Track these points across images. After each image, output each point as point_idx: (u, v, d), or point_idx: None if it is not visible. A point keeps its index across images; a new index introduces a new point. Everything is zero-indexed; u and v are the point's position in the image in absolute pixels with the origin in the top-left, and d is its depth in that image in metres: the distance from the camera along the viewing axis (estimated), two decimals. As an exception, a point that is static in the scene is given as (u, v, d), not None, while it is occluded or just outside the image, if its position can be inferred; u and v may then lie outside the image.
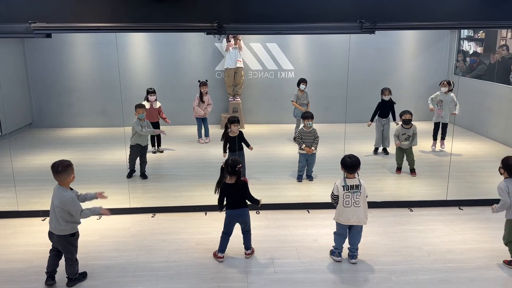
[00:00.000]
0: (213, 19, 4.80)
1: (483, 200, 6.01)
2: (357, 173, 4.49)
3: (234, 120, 6.64)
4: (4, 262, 4.60)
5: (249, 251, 4.69)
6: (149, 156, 8.29)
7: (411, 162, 7.14)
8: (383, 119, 8.20)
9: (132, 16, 4.93)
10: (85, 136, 9.94)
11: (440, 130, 8.39)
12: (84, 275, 4.29)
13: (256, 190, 6.41)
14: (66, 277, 4.17)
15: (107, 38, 10.15)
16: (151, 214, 5.75)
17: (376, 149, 8.35)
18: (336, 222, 4.55)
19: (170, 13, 4.93)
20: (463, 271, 4.40)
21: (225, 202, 4.57)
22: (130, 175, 7.07)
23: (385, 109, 8.21)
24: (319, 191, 6.51)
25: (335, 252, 4.61)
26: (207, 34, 5.02)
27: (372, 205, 5.94)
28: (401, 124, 7.16)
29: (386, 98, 8.20)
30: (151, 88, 8.40)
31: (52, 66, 10.51)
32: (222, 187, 4.51)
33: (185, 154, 8.51)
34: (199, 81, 9.21)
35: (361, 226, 4.52)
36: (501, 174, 4.54)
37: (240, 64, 10.35)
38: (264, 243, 4.97)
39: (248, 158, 8.00)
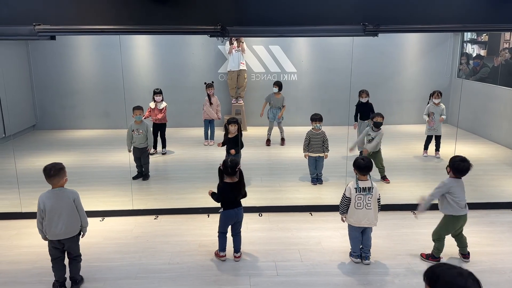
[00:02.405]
0: (216, 21, 4.82)
1: (486, 204, 6.00)
2: (369, 175, 4.51)
3: (231, 121, 6.63)
4: (8, 263, 4.62)
5: (239, 254, 4.67)
6: (153, 157, 8.32)
7: (381, 169, 6.92)
8: (364, 122, 8.17)
9: (135, 18, 4.94)
10: (88, 138, 9.97)
11: (434, 142, 8.20)
12: (82, 278, 4.29)
13: (259, 192, 6.45)
14: (71, 277, 4.16)
15: (110, 40, 10.20)
16: (154, 216, 5.75)
17: (361, 152, 8.29)
18: (348, 224, 4.56)
19: (173, 16, 4.95)
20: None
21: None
22: (135, 176, 7.09)
23: (364, 111, 8.17)
24: (322, 193, 6.51)
25: (354, 254, 4.63)
26: (210, 36, 5.03)
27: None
28: (372, 126, 6.92)
29: (364, 100, 8.15)
30: (157, 89, 8.41)
31: (56, 68, 10.55)
32: (222, 187, 4.51)
33: (189, 156, 8.51)
34: (205, 83, 9.20)
35: (372, 228, 4.55)
36: (448, 173, 4.57)
37: (243, 67, 10.36)
38: (267, 245, 4.96)
39: (251, 160, 8.02)
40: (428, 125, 8.15)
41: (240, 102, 10.61)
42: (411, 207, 5.91)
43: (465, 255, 4.66)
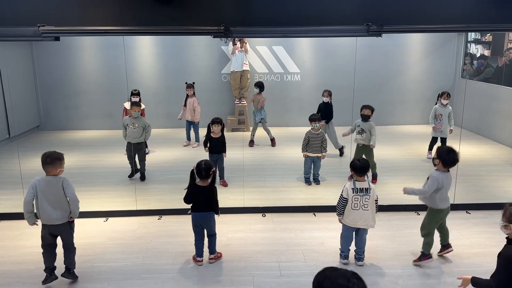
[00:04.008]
0: (220, 22, 4.82)
1: (490, 204, 5.97)
2: (367, 176, 4.49)
3: (215, 121, 6.59)
4: (12, 263, 4.63)
5: (212, 256, 4.63)
6: (156, 157, 8.34)
7: (373, 166, 6.87)
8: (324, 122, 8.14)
9: (139, 19, 4.95)
10: (92, 139, 10.00)
11: (439, 144, 8.06)
12: (76, 276, 4.31)
13: (262, 193, 6.45)
14: (66, 267, 4.20)
15: (114, 41, 10.22)
16: (157, 216, 5.76)
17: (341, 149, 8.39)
18: (343, 224, 4.54)
19: (177, 16, 4.96)
20: (470, 275, 4.36)
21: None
22: (130, 175, 7.10)
23: (323, 111, 8.16)
24: (325, 194, 6.50)
25: (342, 255, 4.61)
26: (213, 37, 5.03)
27: (379, 208, 5.90)
28: (361, 119, 6.94)
29: (326, 100, 8.15)
30: (135, 90, 8.35)
31: (60, 69, 10.59)
32: (192, 189, 4.49)
33: (192, 156, 8.51)
34: (186, 82, 9.16)
35: (367, 229, 4.52)
36: (435, 165, 4.48)
37: (246, 67, 10.36)
38: (270, 246, 4.96)
39: (254, 161, 8.03)
40: (434, 128, 7.99)
41: (243, 102, 10.61)
42: (415, 208, 5.91)
43: (445, 245, 4.62)
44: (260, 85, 9.07)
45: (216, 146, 6.63)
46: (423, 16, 5.07)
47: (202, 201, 4.48)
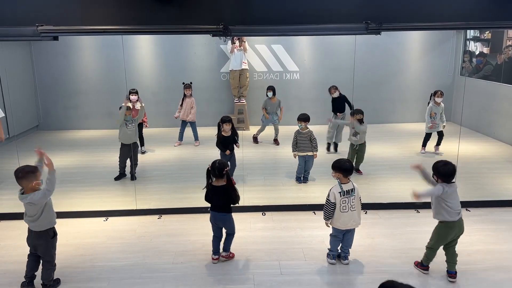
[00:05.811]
0: (219, 21, 4.82)
1: (490, 202, 5.98)
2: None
3: (226, 120, 6.59)
4: (12, 263, 4.63)
5: (225, 254, 4.64)
6: (156, 157, 8.34)
7: (359, 161, 7.15)
8: (340, 114, 8.30)
9: (138, 18, 4.95)
10: (91, 138, 9.99)
11: (434, 138, 8.27)
12: (58, 282, 4.27)
13: (262, 192, 6.46)
14: (41, 283, 4.17)
15: (113, 40, 10.21)
16: (157, 216, 5.77)
17: (329, 145, 8.44)
18: (333, 227, 4.50)
19: (176, 15, 4.95)
20: (471, 273, 4.37)
21: None
22: (117, 177, 7.06)
23: (338, 104, 8.29)
24: (325, 192, 6.46)
25: (330, 254, 4.59)
26: (212, 36, 5.04)
27: (379, 206, 5.94)
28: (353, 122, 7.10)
29: (335, 95, 8.27)
30: (133, 89, 8.34)
31: (59, 68, 10.58)
32: (208, 188, 4.50)
33: (192, 155, 8.52)
34: (183, 83, 9.17)
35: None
36: (436, 181, 4.24)
37: (245, 66, 10.35)
38: (270, 244, 4.97)
39: (254, 159, 8.03)
40: (430, 124, 8.11)
41: (242, 101, 10.61)
42: (415, 206, 5.91)
43: (452, 274, 4.24)
44: (273, 89, 9.05)
45: (228, 144, 6.64)
46: (422, 14, 5.07)
47: (217, 201, 4.48)
